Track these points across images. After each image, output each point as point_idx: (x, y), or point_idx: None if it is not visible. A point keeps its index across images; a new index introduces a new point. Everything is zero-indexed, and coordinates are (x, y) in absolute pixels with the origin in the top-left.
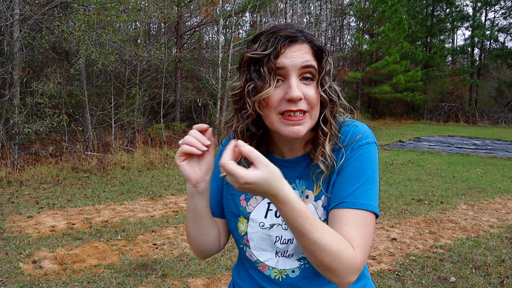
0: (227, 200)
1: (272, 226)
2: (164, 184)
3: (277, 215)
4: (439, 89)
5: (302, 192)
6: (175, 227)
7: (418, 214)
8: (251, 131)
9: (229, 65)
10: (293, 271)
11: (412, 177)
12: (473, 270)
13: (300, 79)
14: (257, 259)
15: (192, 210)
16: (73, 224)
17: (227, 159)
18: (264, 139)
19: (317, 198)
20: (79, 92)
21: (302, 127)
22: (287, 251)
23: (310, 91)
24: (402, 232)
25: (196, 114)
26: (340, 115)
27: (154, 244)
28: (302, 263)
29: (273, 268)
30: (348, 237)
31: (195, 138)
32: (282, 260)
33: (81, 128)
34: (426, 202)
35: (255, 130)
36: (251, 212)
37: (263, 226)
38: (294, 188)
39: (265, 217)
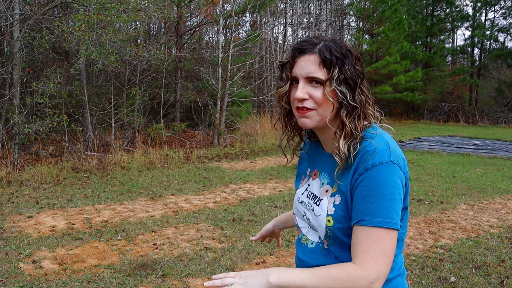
0: (297, 178)
1: (302, 202)
2: (164, 184)
3: (308, 196)
4: (439, 89)
5: (322, 184)
6: (175, 227)
7: (418, 214)
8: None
9: (229, 65)
10: (312, 243)
11: (412, 177)
12: (473, 270)
13: (311, 83)
14: (297, 223)
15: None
16: (73, 224)
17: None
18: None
19: (332, 195)
20: (79, 92)
21: (309, 120)
22: (313, 225)
23: (316, 93)
24: None
25: (196, 114)
26: (370, 120)
27: (154, 244)
28: (319, 241)
29: (303, 234)
30: (357, 254)
31: None
32: (311, 230)
33: (81, 128)
34: (426, 202)
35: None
36: (299, 188)
37: (298, 199)
38: (319, 178)
39: (302, 194)
